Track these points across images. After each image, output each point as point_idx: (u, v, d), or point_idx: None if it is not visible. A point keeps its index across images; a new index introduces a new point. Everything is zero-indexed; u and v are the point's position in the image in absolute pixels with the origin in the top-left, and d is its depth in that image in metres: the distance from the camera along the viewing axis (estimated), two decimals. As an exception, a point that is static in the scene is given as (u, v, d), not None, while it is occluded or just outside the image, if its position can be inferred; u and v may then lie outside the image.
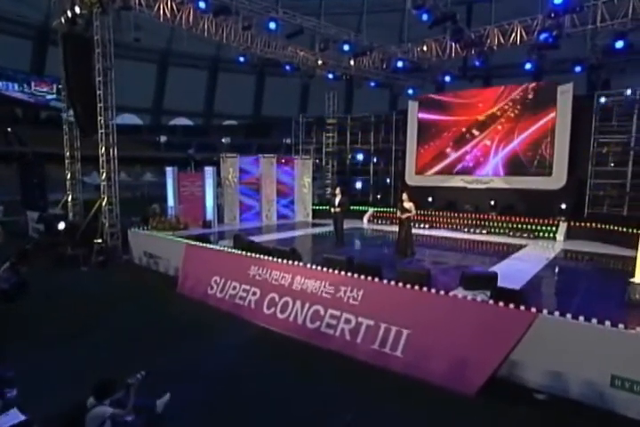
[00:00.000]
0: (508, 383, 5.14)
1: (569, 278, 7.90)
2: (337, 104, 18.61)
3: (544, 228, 12.49)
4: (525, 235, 12.35)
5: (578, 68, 12.83)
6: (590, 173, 13.05)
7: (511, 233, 12.64)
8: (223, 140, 42.81)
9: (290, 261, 7.72)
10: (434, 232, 13.69)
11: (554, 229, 12.29)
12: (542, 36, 11.46)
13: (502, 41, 13.11)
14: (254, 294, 7.81)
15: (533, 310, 5.20)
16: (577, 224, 12.17)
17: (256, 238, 11.20)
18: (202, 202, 13.45)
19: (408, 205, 9.16)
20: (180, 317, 7.56)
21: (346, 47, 12.98)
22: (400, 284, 6.26)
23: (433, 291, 5.99)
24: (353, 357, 5.94)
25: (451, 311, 5.73)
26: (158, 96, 47.97)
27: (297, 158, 16.34)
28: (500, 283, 6.43)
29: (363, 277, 6.66)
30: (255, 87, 49.42)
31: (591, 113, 12.97)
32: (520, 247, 10.94)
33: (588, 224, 11.96)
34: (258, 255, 8.29)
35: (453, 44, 13.87)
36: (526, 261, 9.19)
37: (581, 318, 4.93)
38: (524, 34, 12.70)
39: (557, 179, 13.50)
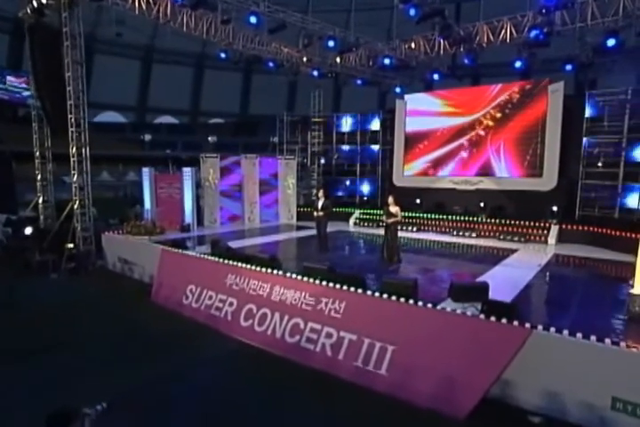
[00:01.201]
0: (501, 404, 4.82)
1: (563, 288, 7.55)
2: (322, 102, 18.16)
3: (535, 231, 12.22)
4: (516, 238, 12.05)
5: (569, 67, 12.55)
6: (581, 174, 12.82)
7: (501, 236, 12.34)
8: (209, 139, 42.18)
9: (268, 270, 7.29)
10: (422, 235, 13.34)
11: (545, 232, 12.02)
12: (533, 33, 11.19)
13: (492, 38, 12.87)
14: (231, 304, 7.39)
15: (527, 325, 4.86)
16: (568, 227, 11.93)
17: (237, 243, 10.79)
18: (180, 204, 12.92)
19: (394, 209, 8.77)
20: (152, 330, 7.16)
21: (330, 43, 12.54)
22: (385, 295, 5.87)
23: (420, 304, 5.61)
24: (334, 374, 5.58)
25: (439, 326, 5.35)
26: (142, 93, 47.04)
27: (280, 158, 15.88)
28: (491, 293, 6.07)
29: (345, 287, 6.26)
30: (242, 85, 48.78)
31: (582, 113, 12.72)
32: (511, 252, 10.64)
33: (580, 227, 11.74)
34: (235, 263, 7.84)
35: (442, 41, 13.55)
36: (518, 267, 8.85)
37: (579, 335, 4.59)
38: (513, 31, 12.48)
39: (548, 180, 13.26)
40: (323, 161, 18.41)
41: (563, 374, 4.57)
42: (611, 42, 10.51)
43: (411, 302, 5.66)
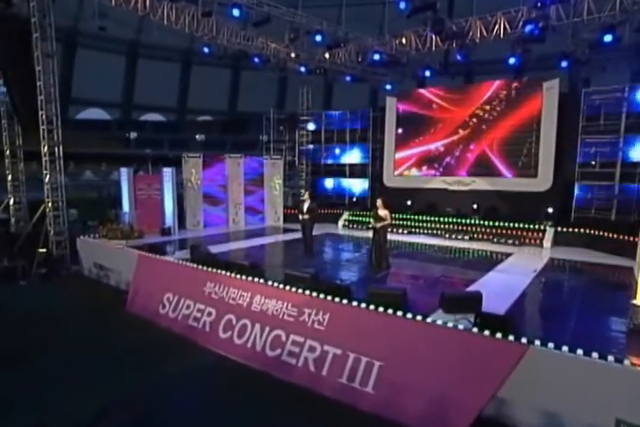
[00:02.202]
0: (496, 425, 4.54)
1: (561, 296, 7.29)
2: (311, 100, 17.82)
3: (530, 233, 11.99)
4: (510, 241, 11.81)
5: (564, 64, 12.33)
6: (577, 174, 12.63)
7: (495, 239, 12.10)
8: (197, 137, 41.64)
9: (249, 278, 6.94)
10: (413, 238, 13.05)
11: (540, 234, 11.79)
12: (527, 28, 10.95)
13: (485, 34, 12.61)
14: (209, 314, 7.05)
15: (524, 340, 4.58)
16: (564, 230, 11.73)
17: (219, 247, 10.43)
18: (160, 206, 12.49)
19: (383, 212, 8.45)
20: (124, 342, 6.79)
21: (318, 38, 12.19)
22: (371, 307, 5.55)
23: (409, 316, 5.30)
24: (317, 391, 5.27)
25: (429, 341, 5.06)
26: (128, 90, 46.29)
27: (266, 158, 15.49)
28: (484, 303, 5.80)
29: (329, 297, 5.94)
30: (231, 81, 48.25)
31: (578, 111, 12.52)
32: (505, 256, 10.39)
33: (576, 230, 11.53)
34: (214, 270, 7.49)
35: (434, 37, 13.26)
36: (513, 273, 8.58)
37: (580, 352, 4.30)
38: (507, 26, 12.24)
39: (543, 180, 13.06)
40: (311, 160, 18.07)
41: (562, 393, 4.31)
42: (607, 37, 10.30)
43: (399, 313, 5.36)
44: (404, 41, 14.08)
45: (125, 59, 44.85)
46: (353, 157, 17.54)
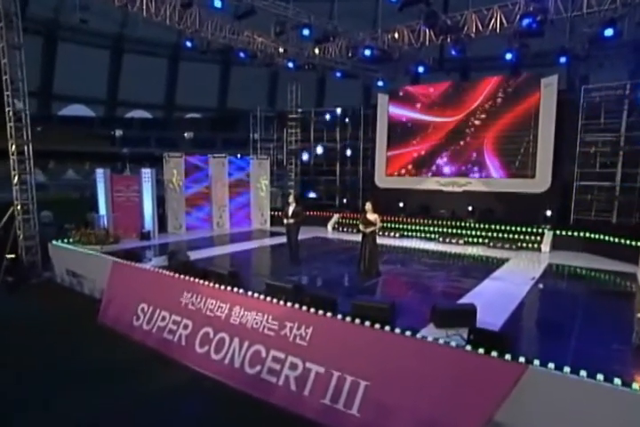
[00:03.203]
0: (492, 451, 4.24)
1: (561, 308, 6.93)
2: (300, 97, 17.49)
3: (527, 237, 11.76)
4: (507, 245, 11.54)
5: (562, 59, 12.12)
6: (576, 175, 12.42)
7: (491, 243, 11.83)
8: (185, 135, 41.19)
9: (228, 288, 6.61)
10: (405, 242, 12.75)
11: (538, 238, 11.55)
12: (525, 22, 10.69)
13: (480, 28, 12.35)
14: (186, 327, 6.71)
15: (522, 360, 4.29)
16: (563, 233, 11.50)
17: (201, 253, 10.08)
18: (139, 209, 12.09)
19: (372, 217, 8.14)
20: (93, 357, 6.44)
21: (305, 32, 11.86)
22: (357, 321, 5.25)
23: (397, 331, 5.00)
24: (299, 413, 4.97)
25: (419, 359, 4.76)
26: (112, 86, 45.65)
27: (252, 158, 15.13)
28: (479, 315, 5.51)
29: (312, 310, 5.63)
30: (220, 77, 47.75)
31: (577, 109, 12.33)
32: (502, 262, 10.10)
33: (576, 233, 11.31)
34: (192, 279, 7.14)
35: (427, 31, 12.98)
36: (509, 281, 8.28)
37: (583, 373, 4.02)
38: (504, 20, 11.97)
39: (541, 181, 12.84)
40: (300, 159, 17.73)
41: (564, 418, 4.04)
42: (608, 32, 10.05)
43: (387, 328, 5.06)
44: (396, 35, 13.79)
45: (110, 53, 44.22)
46: (344, 156, 17.21)
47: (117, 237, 10.82)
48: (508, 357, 4.35)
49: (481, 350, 4.48)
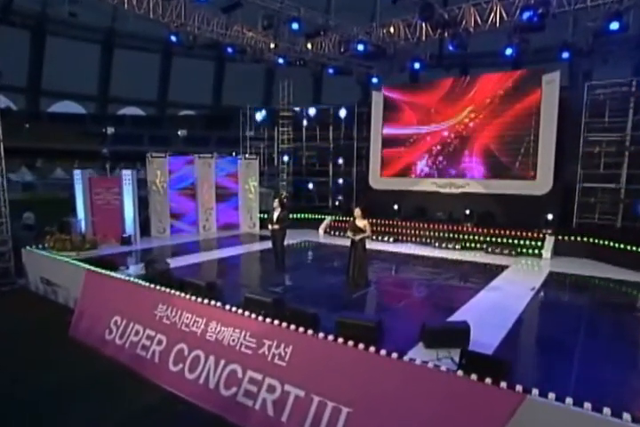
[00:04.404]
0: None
1: (562, 324, 6.49)
2: (292, 94, 17.12)
3: (528, 242, 11.40)
4: (506, 251, 11.19)
5: (565, 55, 11.82)
6: (579, 176, 12.08)
7: (490, 249, 11.49)
8: (179, 133, 40.82)
9: (205, 301, 6.25)
10: (399, 248, 12.39)
11: (539, 243, 11.20)
12: (525, 15, 10.35)
13: (479, 22, 12.01)
14: (159, 343, 6.33)
15: (519, 388, 3.92)
16: (565, 238, 11.16)
17: (183, 259, 9.69)
18: (120, 213, 11.71)
19: (362, 223, 7.76)
20: (60, 374, 6.06)
21: (295, 26, 11.49)
22: (340, 340, 4.88)
23: (383, 353, 4.64)
24: (277, 442, 4.60)
25: (407, 384, 4.39)
26: (104, 82, 45.18)
27: (240, 158, 14.74)
28: (473, 332, 5.15)
29: (293, 327, 5.26)
30: (215, 74, 47.31)
31: (580, 107, 11.98)
32: (500, 270, 9.73)
33: (578, 238, 10.98)
34: (168, 290, 6.77)
35: (424, 25, 12.62)
36: (508, 292, 7.89)
37: (587, 405, 3.65)
38: (504, 13, 11.65)
39: (542, 183, 12.50)
40: (292, 159, 17.38)
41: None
42: (614, 25, 9.73)
43: (372, 349, 4.69)
44: (392, 30, 13.43)
45: (100, 48, 43.72)
46: (337, 156, 16.86)
47: (95, 243, 10.41)
48: (503, 384, 3.99)
49: (474, 376, 4.12)
